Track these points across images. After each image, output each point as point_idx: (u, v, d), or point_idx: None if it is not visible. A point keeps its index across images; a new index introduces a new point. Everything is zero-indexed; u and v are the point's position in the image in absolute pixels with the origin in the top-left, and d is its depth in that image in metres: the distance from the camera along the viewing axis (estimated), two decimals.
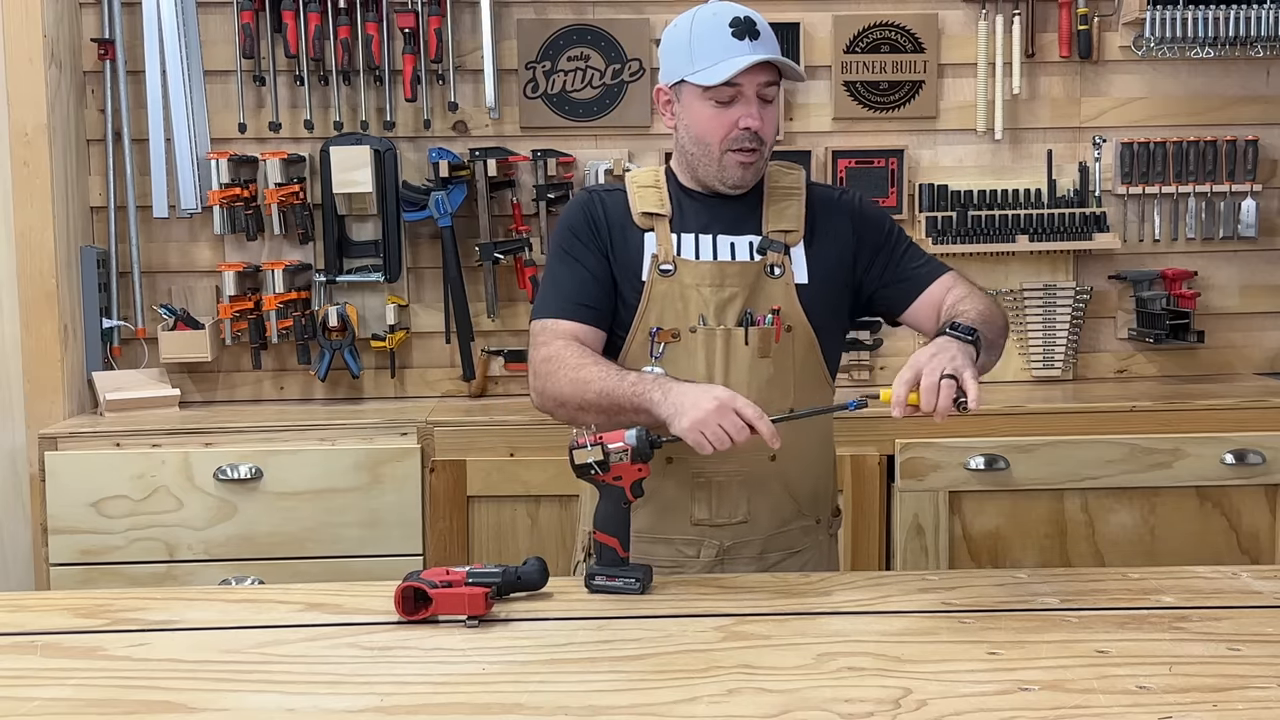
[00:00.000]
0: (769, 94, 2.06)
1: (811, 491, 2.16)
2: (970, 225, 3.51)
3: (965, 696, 1.44)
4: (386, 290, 3.56)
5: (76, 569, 3.06)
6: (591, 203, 2.15)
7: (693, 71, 2.04)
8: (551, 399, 2.04)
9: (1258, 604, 1.78)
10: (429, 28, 3.42)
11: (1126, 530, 3.11)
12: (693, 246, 2.10)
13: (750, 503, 2.09)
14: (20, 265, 3.31)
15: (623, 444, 1.87)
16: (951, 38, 3.57)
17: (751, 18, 2.05)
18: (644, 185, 2.15)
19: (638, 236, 2.11)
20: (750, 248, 2.10)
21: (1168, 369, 3.65)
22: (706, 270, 2.08)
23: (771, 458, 2.07)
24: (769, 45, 2.05)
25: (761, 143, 2.06)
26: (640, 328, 2.08)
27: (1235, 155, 3.57)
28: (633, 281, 2.09)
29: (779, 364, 2.07)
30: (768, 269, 2.09)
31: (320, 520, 3.09)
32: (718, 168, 2.08)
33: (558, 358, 2.03)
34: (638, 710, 1.43)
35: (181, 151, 3.39)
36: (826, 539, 2.21)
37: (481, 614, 1.71)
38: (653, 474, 1.99)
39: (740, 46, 2.01)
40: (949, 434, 3.08)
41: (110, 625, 1.77)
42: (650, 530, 2.10)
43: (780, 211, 2.12)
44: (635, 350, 2.08)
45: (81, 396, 3.41)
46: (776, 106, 2.10)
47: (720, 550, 2.10)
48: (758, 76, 2.03)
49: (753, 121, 2.03)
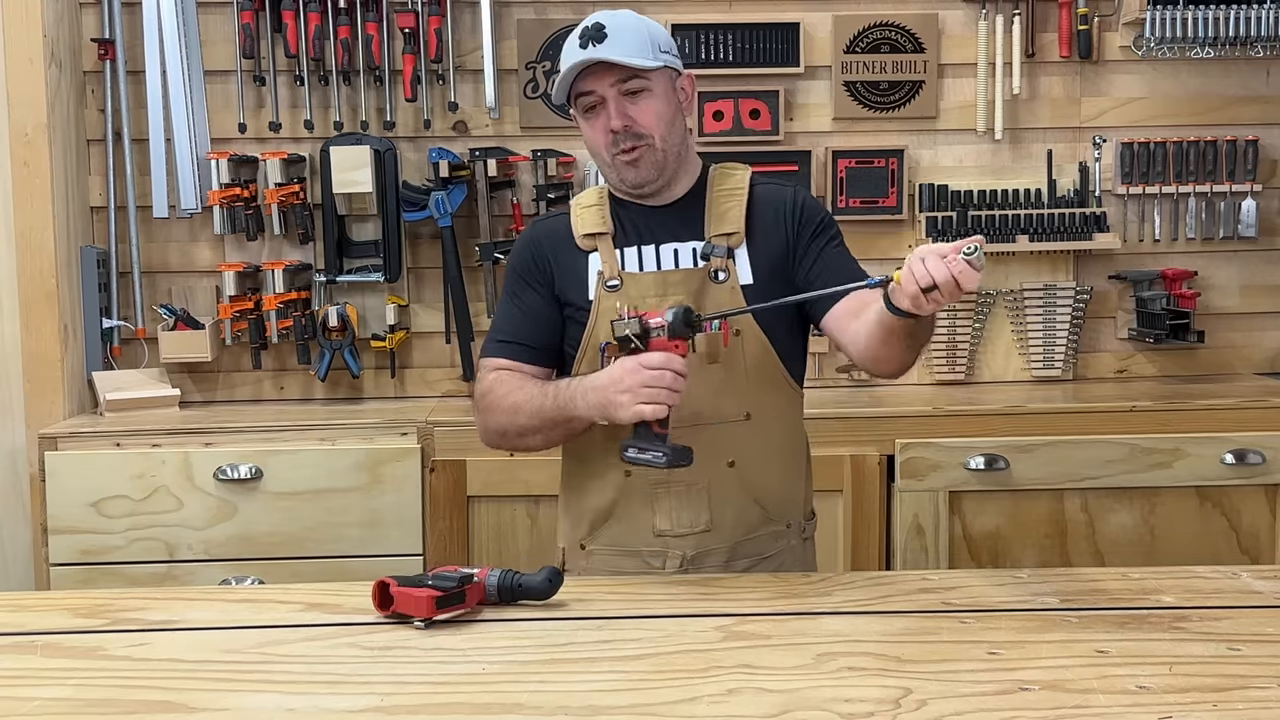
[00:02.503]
0: (633, 86, 2.02)
1: (778, 496, 2.13)
2: (970, 225, 3.50)
3: (965, 696, 1.44)
4: (386, 290, 3.56)
5: (76, 569, 3.06)
6: (534, 238, 2.17)
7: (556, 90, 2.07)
8: (493, 432, 2.10)
9: (1258, 604, 1.78)
10: (429, 28, 3.42)
11: (1126, 530, 3.11)
12: (636, 259, 2.10)
13: (712, 511, 2.07)
14: (20, 265, 3.31)
15: (660, 320, 1.88)
16: (951, 38, 3.57)
17: (602, 23, 2.01)
18: (586, 205, 2.16)
19: (582, 259, 2.11)
20: (694, 254, 2.09)
21: (1168, 369, 3.65)
22: (650, 281, 2.07)
23: (730, 464, 2.06)
24: (615, 44, 1.99)
25: (640, 136, 2.03)
26: (590, 344, 2.07)
27: (1235, 155, 3.57)
28: (581, 302, 2.10)
29: (730, 368, 2.05)
30: (711, 274, 2.07)
31: (320, 520, 3.09)
32: (615, 175, 2.09)
33: (491, 392, 2.08)
34: (638, 710, 1.43)
35: (181, 151, 3.39)
36: (799, 543, 2.17)
37: (428, 617, 1.71)
38: (611, 488, 2.02)
39: (581, 54, 2.00)
40: (949, 434, 3.08)
41: (110, 625, 1.77)
42: (615, 543, 2.10)
43: (722, 215, 2.10)
44: (586, 367, 2.08)
45: (81, 396, 3.42)
46: (655, 98, 2.03)
47: (685, 560, 2.08)
48: (606, 77, 2.01)
49: (614, 122, 2.02)
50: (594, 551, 2.13)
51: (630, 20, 2.05)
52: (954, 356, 3.59)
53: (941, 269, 1.67)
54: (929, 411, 3.15)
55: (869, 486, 3.11)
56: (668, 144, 2.07)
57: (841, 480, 3.08)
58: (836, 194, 3.52)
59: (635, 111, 2.03)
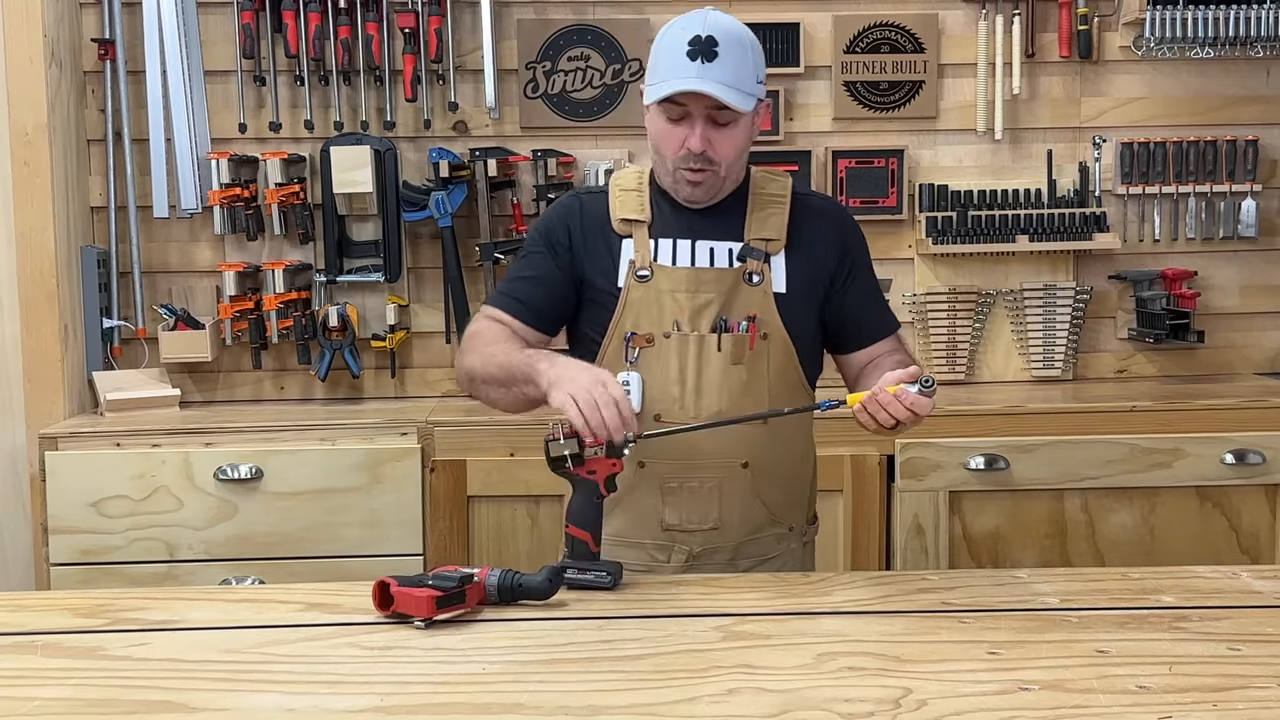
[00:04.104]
0: (722, 117, 2.00)
1: (785, 499, 2.15)
2: (970, 225, 3.51)
3: (965, 696, 1.44)
4: (387, 290, 3.56)
5: (76, 569, 3.06)
6: (571, 208, 2.16)
7: (649, 84, 2.05)
8: (464, 372, 2.12)
9: (1258, 604, 1.78)
10: (429, 28, 3.42)
11: (1126, 530, 3.11)
12: (670, 252, 2.09)
13: (721, 509, 2.08)
14: (20, 265, 3.31)
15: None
16: (951, 38, 3.57)
17: (715, 36, 1.97)
18: (626, 189, 2.14)
19: (616, 242, 2.11)
20: (730, 254, 2.09)
21: (1168, 369, 3.65)
22: (682, 276, 2.07)
23: (744, 464, 2.08)
24: (726, 68, 1.97)
25: (712, 163, 2.03)
26: (616, 333, 2.08)
27: (1235, 155, 3.57)
28: (609, 286, 2.09)
29: (753, 371, 2.06)
30: (746, 276, 2.08)
31: (320, 520, 3.08)
32: (671, 180, 2.08)
33: (477, 335, 2.11)
34: (638, 710, 1.43)
35: (182, 151, 3.39)
36: (800, 547, 2.19)
37: (428, 617, 1.71)
38: (624, 478, 2.00)
39: (689, 68, 1.97)
40: (949, 434, 3.08)
41: (110, 625, 1.77)
42: (621, 534, 2.10)
43: (763, 219, 2.11)
44: (611, 355, 2.08)
45: (82, 396, 3.42)
46: (738, 128, 2.03)
47: (690, 556, 2.09)
48: (704, 100, 1.98)
49: (694, 144, 2.00)
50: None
51: (739, 37, 2.01)
52: (954, 356, 3.59)
53: (901, 411, 1.85)
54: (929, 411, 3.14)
55: (869, 486, 3.11)
56: (731, 171, 2.07)
57: (841, 480, 3.08)
58: (836, 194, 3.52)
59: (717, 140, 2.02)
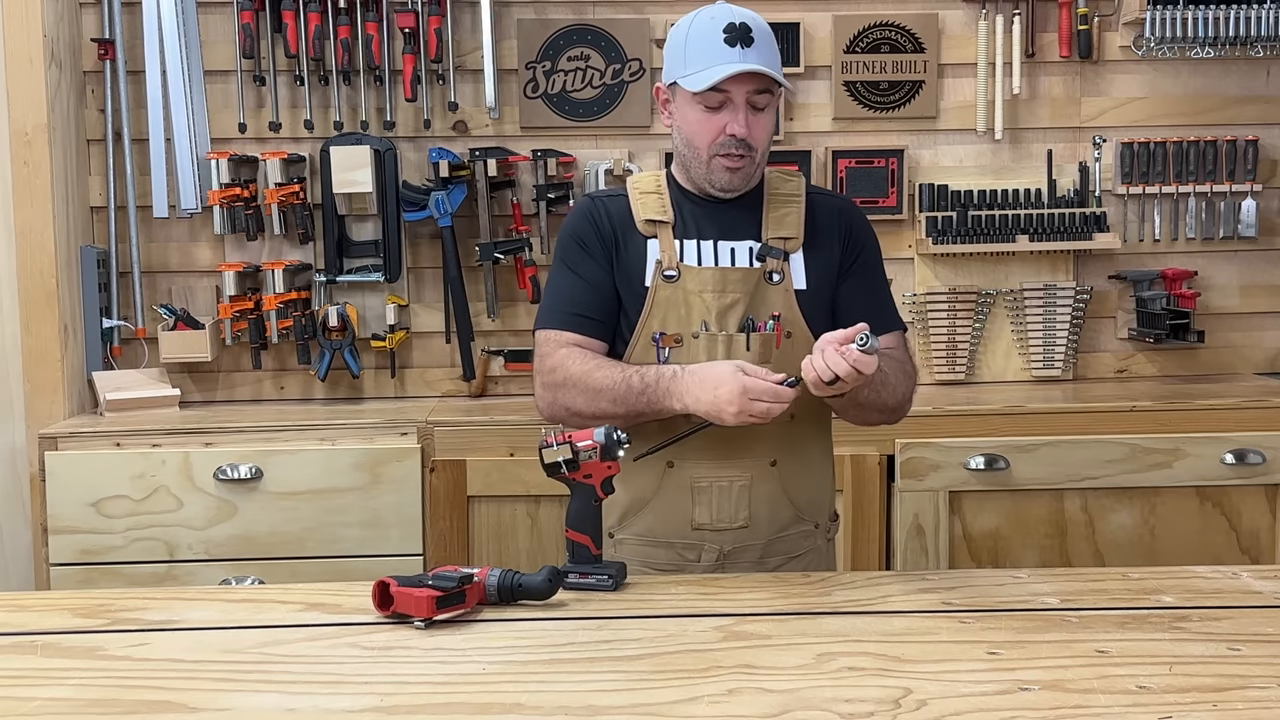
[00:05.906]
0: (760, 101, 2.05)
1: (811, 497, 2.17)
2: (970, 225, 3.51)
3: (965, 696, 1.44)
4: (386, 290, 3.56)
5: (76, 569, 3.06)
6: (595, 209, 2.16)
7: (684, 75, 2.05)
8: (563, 409, 2.08)
9: (1258, 604, 1.78)
10: (429, 28, 3.42)
11: (1126, 530, 3.11)
12: (695, 252, 2.11)
13: (751, 507, 2.10)
14: (20, 265, 3.31)
15: (591, 442, 1.88)
16: (951, 38, 3.57)
17: (748, 24, 2.03)
18: (646, 191, 2.16)
19: (640, 243, 2.12)
20: (750, 254, 2.11)
21: (1168, 369, 3.65)
22: (709, 276, 2.09)
23: (772, 463, 2.10)
24: (762, 53, 2.03)
25: (750, 149, 2.06)
26: (644, 333, 2.09)
27: (1235, 155, 3.57)
28: (636, 287, 2.10)
29: (779, 369, 2.07)
30: (767, 275, 2.10)
31: (320, 520, 3.09)
32: (706, 170, 2.09)
33: (563, 368, 2.06)
34: (638, 710, 1.43)
35: (181, 151, 3.39)
36: (824, 543, 2.22)
37: (428, 617, 1.71)
38: (654, 479, 1.99)
39: (730, 54, 2.01)
40: (949, 434, 3.08)
41: (110, 625, 1.77)
42: (651, 534, 2.11)
43: (780, 218, 2.13)
44: (639, 354, 2.10)
45: (81, 396, 3.41)
46: (770, 114, 2.08)
47: (720, 554, 2.11)
48: (746, 85, 2.02)
49: (739, 129, 2.03)
50: (623, 541, 2.14)
51: (764, 24, 2.07)
52: (954, 356, 3.59)
53: (840, 363, 1.82)
54: (929, 411, 3.15)
55: (869, 486, 3.11)
56: (763, 159, 2.11)
57: (842, 480, 3.07)
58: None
59: (755, 124, 2.05)
